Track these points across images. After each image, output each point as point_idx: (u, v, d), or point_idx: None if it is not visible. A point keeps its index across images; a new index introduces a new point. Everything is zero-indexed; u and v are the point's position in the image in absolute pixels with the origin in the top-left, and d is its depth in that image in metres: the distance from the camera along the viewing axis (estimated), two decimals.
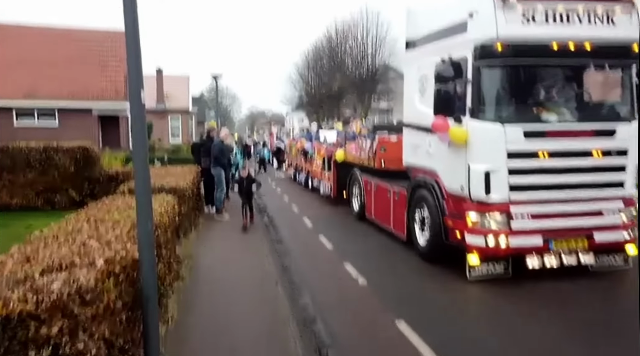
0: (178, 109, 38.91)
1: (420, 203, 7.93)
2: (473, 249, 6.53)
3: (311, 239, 9.69)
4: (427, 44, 7.75)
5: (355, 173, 11.58)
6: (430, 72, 7.32)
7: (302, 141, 18.34)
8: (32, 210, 12.41)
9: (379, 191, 9.87)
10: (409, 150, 8.41)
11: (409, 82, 8.35)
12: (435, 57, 7.09)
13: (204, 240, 9.18)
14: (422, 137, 7.68)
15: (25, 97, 21.24)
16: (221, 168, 11.27)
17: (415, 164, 8.20)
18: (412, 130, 8.23)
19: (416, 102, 7.92)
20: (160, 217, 5.75)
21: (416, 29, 8.20)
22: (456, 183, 6.86)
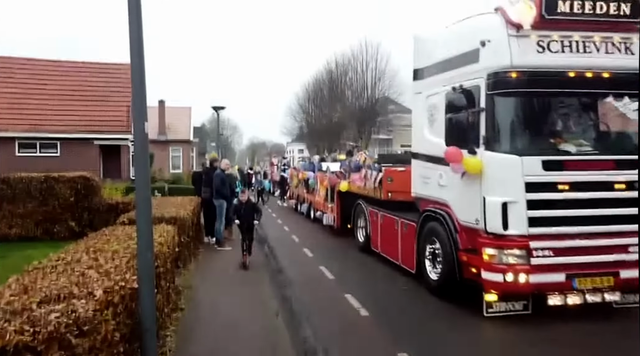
0: (179, 139, 39.14)
1: (431, 235, 7.55)
2: (490, 286, 6.15)
3: (311, 270, 9.46)
4: (436, 73, 7.53)
5: (361, 204, 11.28)
6: (440, 102, 7.19)
7: (304, 173, 18.19)
8: (30, 240, 12.34)
9: (386, 222, 9.54)
10: (417, 181, 8.11)
11: (418, 112, 8.13)
12: (446, 86, 6.96)
13: (203, 271, 9.08)
14: (433, 168, 7.43)
15: (29, 130, 21.42)
16: (223, 199, 11.19)
17: (425, 196, 7.87)
18: (421, 161, 7.95)
19: (425, 133, 7.69)
20: (160, 247, 5.71)
21: (424, 58, 7.95)
22: (471, 216, 6.53)
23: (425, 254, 7.70)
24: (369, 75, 35.48)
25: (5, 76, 22.84)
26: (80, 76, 24.05)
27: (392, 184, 9.54)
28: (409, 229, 8.37)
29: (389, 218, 9.35)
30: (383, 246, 9.81)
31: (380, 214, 9.85)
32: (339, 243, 12.51)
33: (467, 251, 6.71)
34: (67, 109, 22.65)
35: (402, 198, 9.03)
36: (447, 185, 7.09)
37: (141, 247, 4.18)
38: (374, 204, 10.40)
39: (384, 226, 9.69)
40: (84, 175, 12.95)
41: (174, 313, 6.26)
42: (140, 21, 4.18)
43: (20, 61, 23.60)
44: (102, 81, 24.02)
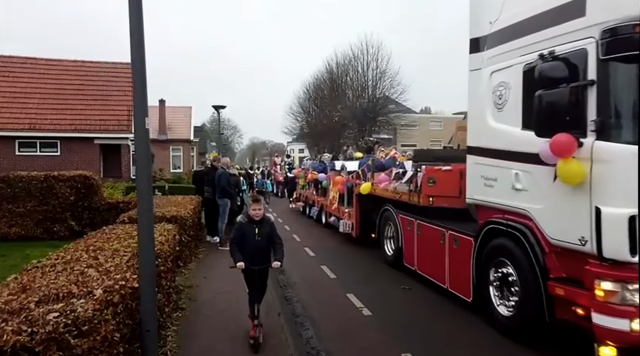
0: (180, 139, 39.10)
1: (499, 256, 5.84)
2: (606, 335, 4.44)
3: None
4: (507, 39, 5.74)
5: (389, 211, 9.48)
6: (514, 77, 5.54)
7: (313, 173, 16.54)
8: (31, 240, 12.28)
9: (426, 234, 7.81)
10: (476, 183, 6.29)
11: (476, 95, 6.31)
12: (525, 56, 5.36)
13: (204, 270, 9.00)
14: (502, 166, 5.71)
15: (29, 128, 21.36)
16: (228, 199, 11.12)
17: (488, 202, 6.09)
18: (481, 157, 6.15)
19: (489, 120, 5.96)
20: (161, 246, 5.65)
21: (486, 21, 6.13)
22: (570, 232, 4.77)
23: (489, 281, 6.02)
24: (369, 75, 35.50)
25: (6, 75, 22.79)
26: (81, 75, 24.00)
27: (434, 187, 7.64)
28: (462, 245, 6.63)
29: (431, 229, 7.58)
30: (421, 264, 8.09)
31: (418, 223, 8.13)
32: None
33: (561, 282, 5.01)
34: (68, 108, 22.58)
35: (447, 204, 7.46)
36: (529, 189, 5.34)
37: (142, 245, 4.11)
38: (408, 210, 8.62)
39: (422, 239, 7.99)
40: (84, 174, 12.88)
41: (175, 312, 6.20)
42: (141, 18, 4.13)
43: (21, 59, 23.54)
44: (103, 80, 23.96)
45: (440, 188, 7.60)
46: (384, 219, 9.90)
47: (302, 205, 18.93)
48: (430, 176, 7.71)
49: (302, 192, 19.18)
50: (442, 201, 7.56)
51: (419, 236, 8.11)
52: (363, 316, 6.58)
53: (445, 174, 7.60)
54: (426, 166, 7.90)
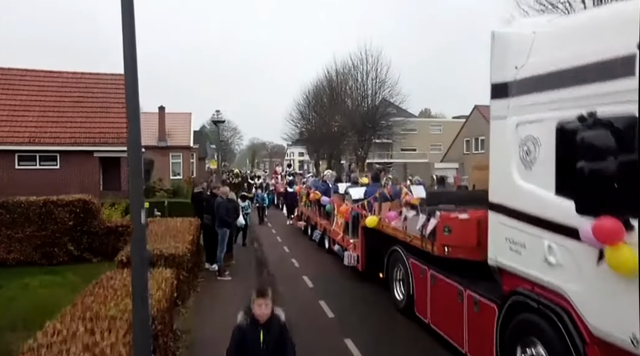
0: (179, 145, 39.10)
1: (527, 333, 5.09)
2: None
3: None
4: (538, 90, 5.04)
5: (398, 252, 8.84)
6: (545, 135, 4.81)
7: (315, 193, 15.73)
8: (29, 265, 12.30)
9: (441, 287, 7.15)
10: (499, 244, 5.59)
11: (500, 146, 5.64)
12: (558, 112, 4.66)
13: (203, 308, 8.98)
14: (532, 234, 4.97)
15: (28, 142, 21.33)
16: (227, 228, 11.14)
17: (514, 269, 5.38)
18: (507, 217, 5.43)
19: (515, 177, 5.28)
20: (158, 303, 5.65)
21: (512, 66, 5.41)
22: (618, 327, 4.01)
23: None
24: (369, 84, 35.45)
25: (5, 87, 22.74)
26: (81, 87, 23.93)
27: (450, 236, 6.85)
28: (484, 310, 5.94)
29: (447, 284, 6.95)
30: (435, 318, 7.45)
31: (431, 273, 7.48)
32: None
33: None
34: (67, 121, 22.54)
35: (464, 255, 6.71)
36: (565, 265, 4.56)
37: (135, 324, 4.11)
38: (420, 255, 7.91)
39: (437, 291, 7.33)
40: (83, 198, 12.89)
41: None
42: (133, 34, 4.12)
43: (20, 72, 23.49)
44: (102, 92, 23.90)
45: (456, 238, 6.78)
46: (393, 259, 9.20)
47: (304, 225, 18.17)
48: (445, 224, 6.89)
49: (304, 210, 18.36)
50: (458, 252, 6.79)
51: (433, 288, 7.42)
52: None
53: (462, 222, 6.76)
54: (441, 213, 7.04)
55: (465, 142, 43.25)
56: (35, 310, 8.58)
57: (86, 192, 21.28)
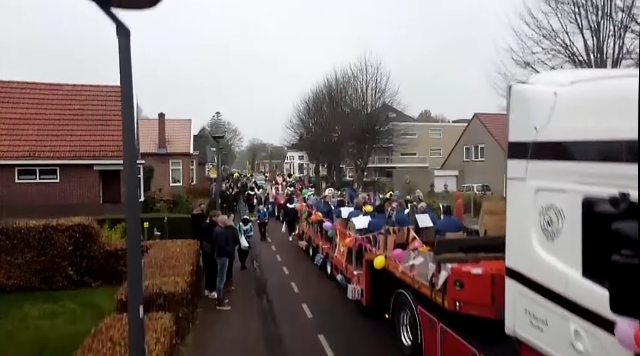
0: (179, 152, 39.19)
1: None
2: None
3: None
4: (560, 158, 4.60)
5: (405, 296, 8.32)
6: (570, 208, 4.37)
7: (317, 214, 15.48)
8: (29, 290, 12.31)
9: (453, 344, 6.68)
10: (518, 315, 5.13)
11: (519, 208, 5.20)
12: (584, 186, 4.22)
13: (202, 344, 8.99)
14: (556, 313, 4.51)
15: (28, 156, 21.39)
16: (226, 258, 11.19)
17: (535, 346, 4.92)
18: (526, 289, 4.99)
19: (535, 246, 4.86)
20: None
21: (532, 125, 4.90)
22: None
23: None
24: (368, 93, 35.47)
25: (6, 101, 22.79)
26: (81, 99, 24.02)
27: (462, 292, 6.42)
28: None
29: (459, 343, 6.48)
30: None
31: (442, 327, 6.99)
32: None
33: None
34: (67, 134, 22.63)
35: (477, 312, 6.26)
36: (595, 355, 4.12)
37: None
38: (429, 304, 7.41)
39: (448, 348, 6.85)
40: (82, 223, 12.88)
41: None
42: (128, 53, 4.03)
43: (21, 85, 23.54)
44: (102, 104, 23.97)
45: (469, 294, 6.36)
46: (400, 302, 8.66)
47: (306, 245, 17.73)
48: (457, 279, 6.47)
49: (305, 229, 17.85)
50: (471, 308, 6.36)
51: (444, 343, 6.93)
52: None
53: (475, 278, 6.31)
54: (452, 266, 6.61)
55: (465, 150, 43.27)
56: (35, 346, 8.63)
57: (86, 205, 21.55)
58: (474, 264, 6.54)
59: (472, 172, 40.94)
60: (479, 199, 32.48)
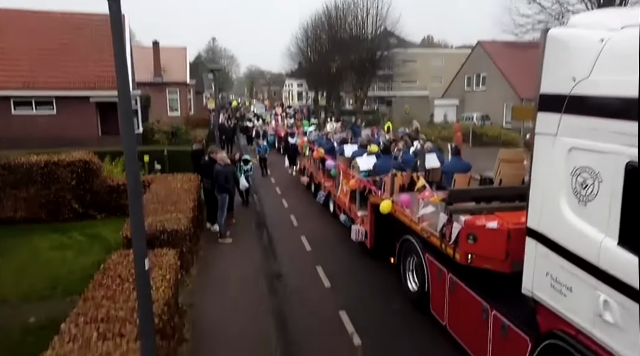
0: (176, 81, 38.56)
1: None
2: None
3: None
4: (601, 115, 4.13)
5: (412, 243, 8.22)
6: (609, 171, 4.02)
7: (319, 150, 15.09)
8: (36, 222, 12.72)
9: (462, 297, 6.59)
10: (538, 277, 4.91)
11: (546, 166, 4.80)
12: (628, 148, 3.81)
13: (206, 276, 9.43)
14: (584, 280, 4.26)
15: (23, 87, 21.10)
16: (227, 194, 11.44)
17: (555, 310, 4.70)
18: (550, 251, 4.72)
19: (564, 208, 4.51)
20: (163, 294, 6.05)
21: (570, 76, 4.38)
22: None
23: None
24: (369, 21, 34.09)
25: None
26: (71, 29, 23.24)
27: (475, 245, 6.23)
28: (512, 339, 5.41)
29: (470, 296, 6.36)
30: (454, 325, 6.94)
31: (450, 277, 6.91)
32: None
33: None
34: (61, 65, 22.15)
35: (489, 266, 6.11)
36: (626, 329, 3.87)
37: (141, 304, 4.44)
38: (438, 253, 7.27)
39: (456, 299, 6.78)
40: (83, 159, 13.03)
41: (179, 345, 6.71)
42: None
43: (9, 13, 22.67)
44: (94, 34, 23.24)
45: (482, 248, 6.16)
46: (406, 248, 8.55)
47: (307, 181, 17.46)
48: (470, 232, 6.24)
49: (307, 164, 17.59)
50: (483, 262, 6.18)
51: (452, 294, 6.87)
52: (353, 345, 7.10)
53: (490, 232, 6.05)
54: (466, 219, 6.38)
55: (467, 79, 42.51)
56: (48, 280, 9.09)
57: (84, 138, 21.61)
58: (488, 217, 6.27)
59: (473, 102, 40.53)
60: (479, 130, 32.54)
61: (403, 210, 8.37)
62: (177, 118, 36.30)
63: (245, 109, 47.73)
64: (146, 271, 4.30)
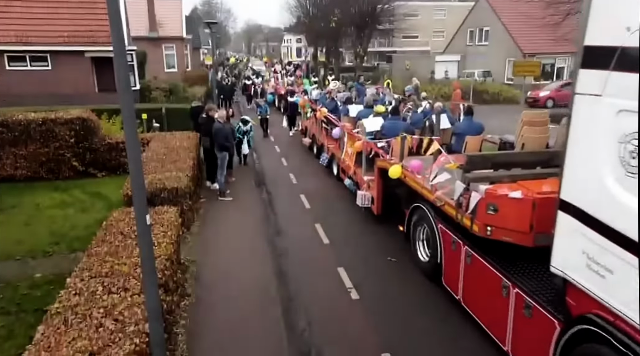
0: (172, 36, 37.68)
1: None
2: None
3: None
4: None
5: (424, 211, 7.66)
6: None
7: (322, 110, 14.38)
8: (37, 180, 12.81)
9: (479, 270, 6.09)
10: (572, 255, 4.44)
11: (587, 130, 4.24)
12: None
13: (207, 233, 9.55)
14: (629, 262, 3.79)
15: (16, 42, 20.67)
16: (226, 152, 11.44)
17: (590, 292, 4.27)
18: (589, 229, 4.21)
19: (608, 180, 4.01)
20: (165, 249, 6.18)
21: (624, 26, 3.73)
22: None
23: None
24: None
25: None
26: None
27: (495, 217, 5.74)
28: (537, 319, 5.00)
29: (488, 269, 5.87)
30: (469, 300, 6.51)
31: (467, 250, 6.38)
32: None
33: None
34: (54, 19, 21.61)
35: (511, 239, 5.63)
36: None
37: (144, 265, 4.55)
38: (451, 223, 6.78)
39: (473, 272, 6.31)
40: (81, 116, 12.96)
41: (182, 300, 6.92)
42: None
43: None
44: None
45: (503, 219, 5.67)
46: (417, 216, 8.00)
47: (310, 142, 16.82)
48: (491, 202, 5.75)
49: (309, 125, 16.94)
50: (504, 234, 5.70)
51: (468, 267, 6.40)
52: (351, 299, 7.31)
53: (513, 202, 5.52)
54: (487, 189, 5.85)
55: (469, 33, 41.50)
56: (52, 236, 9.25)
57: (81, 94, 21.39)
58: (511, 186, 5.78)
59: (475, 58, 39.78)
60: (479, 87, 32.15)
61: (414, 176, 7.80)
62: (175, 74, 35.77)
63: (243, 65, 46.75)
64: (148, 226, 4.37)
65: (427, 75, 37.31)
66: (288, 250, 8.93)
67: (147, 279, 4.59)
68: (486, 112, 15.82)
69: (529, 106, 28.24)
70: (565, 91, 29.54)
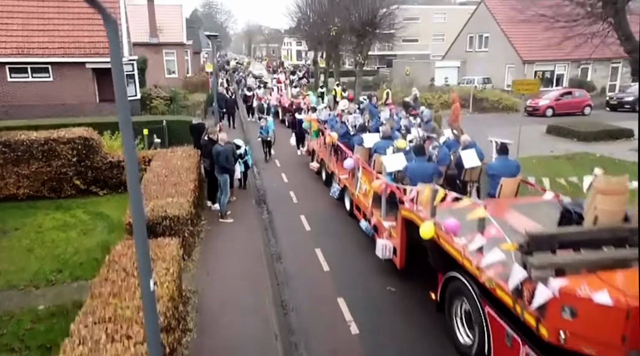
0: (172, 42, 37.81)
1: None
2: None
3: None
4: None
5: (464, 286, 6.26)
6: None
7: (331, 136, 13.04)
8: (39, 199, 12.92)
9: None
10: None
11: None
12: None
13: (209, 260, 9.57)
14: None
15: (17, 53, 20.77)
16: (227, 175, 11.53)
17: None
18: None
19: None
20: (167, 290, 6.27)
21: None
22: None
23: None
24: None
25: None
26: None
27: (573, 322, 4.56)
28: None
29: None
30: None
31: (527, 352, 5.09)
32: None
33: None
34: (54, 30, 21.71)
35: (593, 352, 4.54)
36: None
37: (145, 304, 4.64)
38: (505, 313, 5.45)
39: None
40: (83, 135, 13.06)
41: (184, 336, 7.01)
42: None
43: None
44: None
45: (585, 327, 4.52)
46: (454, 288, 6.61)
47: (318, 167, 15.32)
48: (567, 304, 4.57)
49: (316, 147, 15.44)
50: (584, 344, 4.57)
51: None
52: (350, 334, 7.39)
53: (599, 308, 4.38)
54: (562, 287, 4.59)
55: (469, 39, 41.54)
56: (54, 262, 9.34)
57: (82, 105, 21.53)
58: (590, 280, 4.63)
59: (474, 64, 39.86)
60: (479, 94, 32.15)
61: (450, 239, 6.35)
62: (175, 80, 35.89)
63: (243, 69, 46.63)
64: (152, 292, 4.46)
65: (426, 82, 37.39)
66: (288, 278, 9.03)
67: (151, 343, 4.68)
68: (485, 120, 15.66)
69: (529, 114, 28.28)
70: (564, 99, 29.62)
